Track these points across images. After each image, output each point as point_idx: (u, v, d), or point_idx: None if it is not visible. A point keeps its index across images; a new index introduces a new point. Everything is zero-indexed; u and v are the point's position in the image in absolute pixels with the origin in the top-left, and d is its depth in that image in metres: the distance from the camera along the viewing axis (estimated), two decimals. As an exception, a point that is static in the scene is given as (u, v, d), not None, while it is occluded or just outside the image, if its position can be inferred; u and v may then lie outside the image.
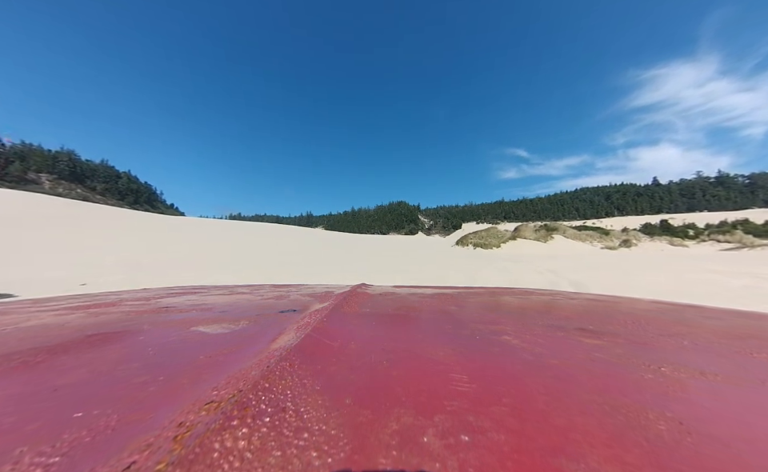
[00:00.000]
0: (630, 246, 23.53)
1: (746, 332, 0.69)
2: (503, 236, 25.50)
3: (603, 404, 0.33)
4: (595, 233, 28.08)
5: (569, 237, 26.67)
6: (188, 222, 30.72)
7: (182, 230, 22.80)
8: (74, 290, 4.79)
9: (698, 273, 7.10)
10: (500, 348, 0.51)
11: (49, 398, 0.34)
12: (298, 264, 9.70)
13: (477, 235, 26.14)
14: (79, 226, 17.08)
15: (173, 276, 6.57)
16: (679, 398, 0.35)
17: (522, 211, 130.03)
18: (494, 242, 24.37)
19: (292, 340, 0.49)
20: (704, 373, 0.42)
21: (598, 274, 7.48)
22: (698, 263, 9.52)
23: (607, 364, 0.45)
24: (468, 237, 26.31)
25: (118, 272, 6.88)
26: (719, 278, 6.32)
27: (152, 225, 23.23)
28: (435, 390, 0.35)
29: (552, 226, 29.85)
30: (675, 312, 0.86)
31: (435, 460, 0.24)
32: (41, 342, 0.54)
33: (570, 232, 28.20)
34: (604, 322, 0.72)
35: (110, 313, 0.82)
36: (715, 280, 6.10)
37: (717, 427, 0.30)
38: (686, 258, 12.34)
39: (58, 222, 17.82)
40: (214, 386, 0.35)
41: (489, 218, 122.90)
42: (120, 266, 7.64)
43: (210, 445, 0.24)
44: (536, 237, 25.46)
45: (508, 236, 25.56)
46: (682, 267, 8.33)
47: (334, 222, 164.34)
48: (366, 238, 41.44)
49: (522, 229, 28.85)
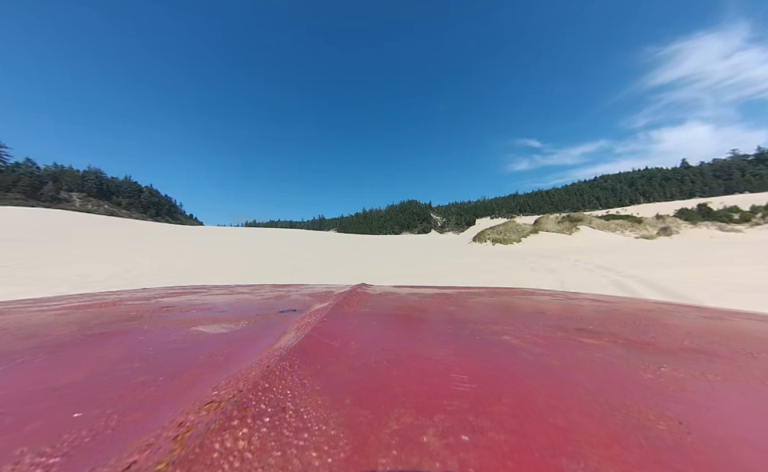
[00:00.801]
0: (670, 235, 21.56)
1: (747, 332, 0.68)
2: (523, 230, 24.07)
3: (603, 404, 0.33)
4: (625, 221, 26.06)
5: (596, 227, 24.87)
6: (209, 231, 31.68)
7: (205, 237, 23.64)
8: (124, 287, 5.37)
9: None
10: (500, 348, 0.50)
11: (49, 398, 0.34)
12: (316, 269, 9.48)
13: (494, 230, 24.78)
14: (115, 237, 18.35)
15: (202, 280, 6.95)
16: (679, 398, 0.35)
17: (537, 203, 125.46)
18: (514, 236, 22.98)
19: (292, 340, 0.49)
20: (704, 373, 0.42)
21: (672, 271, 6.19)
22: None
23: (607, 364, 0.44)
24: (485, 233, 24.97)
25: (155, 276, 7.35)
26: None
27: (177, 234, 24.41)
28: (435, 389, 0.35)
29: (576, 216, 28.05)
30: (676, 312, 0.86)
31: (435, 460, 0.24)
32: (41, 342, 0.54)
33: (597, 222, 26.33)
34: (604, 322, 0.71)
35: (110, 313, 0.81)
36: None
37: (717, 427, 0.30)
38: (756, 245, 10.76)
39: (93, 234, 19.24)
40: (214, 385, 0.35)
41: (503, 212, 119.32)
42: (157, 271, 8.16)
43: (210, 445, 0.24)
44: (559, 229, 23.86)
45: (528, 230, 24.10)
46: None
47: (346, 224, 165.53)
48: (380, 239, 40.81)
49: (542, 221, 27.22)
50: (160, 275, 7.30)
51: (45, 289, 5.64)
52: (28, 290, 5.56)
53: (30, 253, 9.79)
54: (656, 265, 7.49)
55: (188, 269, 8.53)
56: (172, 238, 21.19)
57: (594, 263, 8.19)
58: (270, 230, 40.27)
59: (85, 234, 18.93)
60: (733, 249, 10.75)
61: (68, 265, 8.12)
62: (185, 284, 2.77)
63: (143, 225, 34.15)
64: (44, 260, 8.68)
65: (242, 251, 14.85)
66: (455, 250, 19.44)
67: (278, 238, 28.40)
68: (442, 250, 19.31)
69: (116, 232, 22.21)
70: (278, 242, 23.50)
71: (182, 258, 10.72)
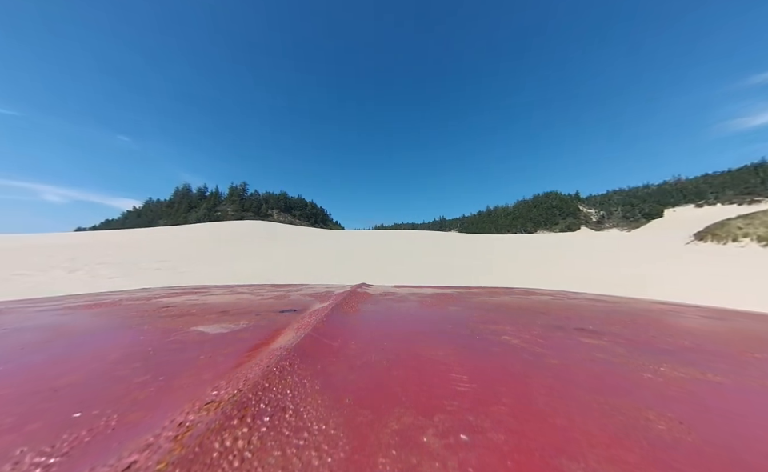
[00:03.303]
0: None
1: (747, 332, 0.68)
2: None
3: (603, 404, 0.33)
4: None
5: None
6: (358, 234, 37.62)
7: (358, 239, 26.59)
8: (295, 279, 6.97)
9: None
10: (500, 348, 0.50)
11: (49, 398, 0.34)
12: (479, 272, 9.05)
13: (758, 221, 14.67)
14: (301, 241, 24.01)
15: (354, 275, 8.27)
16: (679, 398, 0.35)
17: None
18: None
19: (292, 340, 0.49)
20: (704, 373, 0.42)
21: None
22: None
23: (607, 364, 0.44)
24: (730, 225, 15.40)
25: (330, 270, 9.13)
26: None
27: (333, 238, 29.17)
28: (435, 389, 0.35)
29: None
30: (676, 312, 0.86)
31: (435, 460, 0.24)
32: (41, 342, 0.54)
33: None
34: (604, 322, 0.71)
35: (110, 312, 0.81)
36: None
37: (717, 427, 0.30)
38: None
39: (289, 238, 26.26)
40: (214, 385, 0.35)
41: (722, 196, 76.32)
42: (327, 267, 9.98)
43: (210, 445, 0.24)
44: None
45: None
46: None
47: (468, 223, 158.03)
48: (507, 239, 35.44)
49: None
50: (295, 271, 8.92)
51: (230, 277, 7.84)
52: (215, 275, 8.07)
53: (233, 251, 14.39)
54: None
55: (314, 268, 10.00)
56: (317, 241, 24.58)
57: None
58: (397, 232, 43.25)
59: (267, 238, 25.53)
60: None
61: (248, 259, 11.29)
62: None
63: (302, 230, 44.50)
64: (238, 254, 12.65)
65: (371, 250, 16.03)
66: (670, 251, 11.55)
67: (406, 238, 28.56)
68: (644, 252, 11.77)
69: (285, 235, 28.84)
70: (406, 242, 23.80)
71: (316, 258, 12.92)
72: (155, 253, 13.49)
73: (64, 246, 15.63)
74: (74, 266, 9.67)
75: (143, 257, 12.21)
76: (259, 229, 33.95)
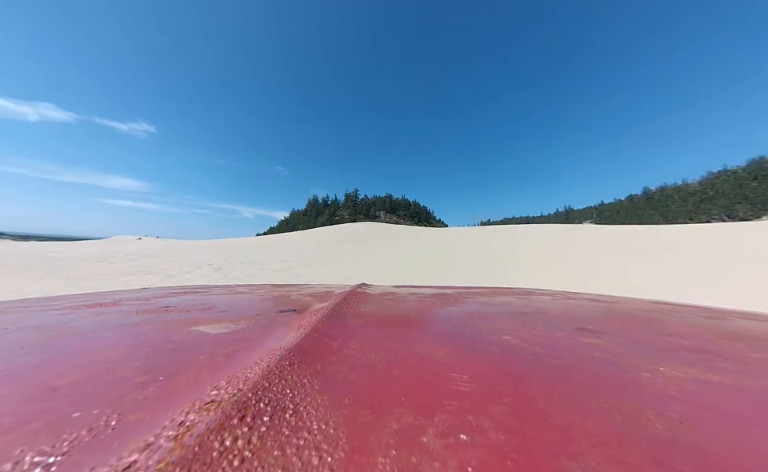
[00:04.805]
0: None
1: (747, 332, 0.68)
2: None
3: (603, 404, 0.33)
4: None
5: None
6: (462, 231, 34.21)
7: (462, 237, 25.66)
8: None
9: None
10: (500, 348, 0.50)
11: (49, 398, 0.34)
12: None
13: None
14: (408, 239, 24.74)
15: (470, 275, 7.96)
16: (679, 398, 0.35)
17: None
18: None
19: (292, 339, 0.49)
20: (704, 372, 0.42)
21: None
22: None
23: (607, 364, 0.44)
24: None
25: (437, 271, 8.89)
26: None
27: (438, 236, 28.48)
28: (435, 389, 0.35)
29: None
30: (676, 312, 0.85)
31: (435, 460, 0.24)
32: (41, 342, 0.54)
33: None
34: (604, 322, 0.71)
35: (110, 312, 0.81)
36: None
37: (717, 427, 0.30)
38: None
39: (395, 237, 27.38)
40: (214, 385, 0.35)
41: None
42: (434, 268, 9.64)
43: (210, 444, 0.24)
44: None
45: None
46: None
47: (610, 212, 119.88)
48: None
49: None
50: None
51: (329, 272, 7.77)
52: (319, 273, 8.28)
53: (341, 250, 13.82)
54: None
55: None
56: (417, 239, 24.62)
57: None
58: (497, 228, 35.99)
59: (370, 237, 26.39)
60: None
61: (353, 263, 10.67)
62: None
63: (403, 229, 44.10)
64: (342, 254, 12.28)
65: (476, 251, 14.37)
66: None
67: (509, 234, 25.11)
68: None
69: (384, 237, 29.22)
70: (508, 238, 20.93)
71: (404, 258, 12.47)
72: (281, 252, 16.02)
73: (223, 248, 19.68)
74: (218, 264, 11.53)
75: (270, 257, 13.85)
76: (373, 230, 36.55)
